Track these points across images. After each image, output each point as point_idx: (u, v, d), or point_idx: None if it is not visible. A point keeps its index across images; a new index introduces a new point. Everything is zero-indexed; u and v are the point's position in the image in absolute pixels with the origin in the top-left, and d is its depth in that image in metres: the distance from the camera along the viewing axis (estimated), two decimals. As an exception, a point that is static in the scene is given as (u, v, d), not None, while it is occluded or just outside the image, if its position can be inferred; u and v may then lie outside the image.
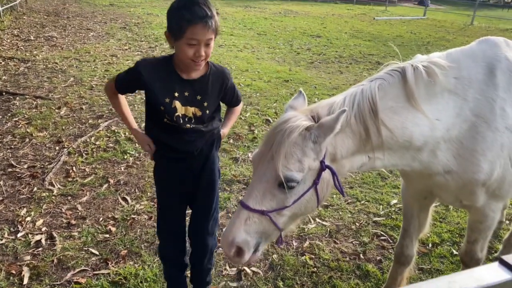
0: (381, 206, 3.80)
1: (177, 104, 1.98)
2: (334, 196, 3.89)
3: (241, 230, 1.70)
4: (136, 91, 2.27)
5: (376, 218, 3.61)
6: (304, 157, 1.67)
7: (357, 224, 3.52)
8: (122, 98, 2.21)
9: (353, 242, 3.30)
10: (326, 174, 1.74)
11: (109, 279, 2.74)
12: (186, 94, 2.00)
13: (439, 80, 1.87)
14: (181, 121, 2.01)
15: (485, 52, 2.05)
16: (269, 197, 1.70)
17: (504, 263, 0.58)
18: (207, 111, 2.07)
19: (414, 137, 1.86)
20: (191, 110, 2.02)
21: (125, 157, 4.38)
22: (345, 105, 1.78)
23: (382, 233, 3.42)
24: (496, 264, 0.59)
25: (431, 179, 2.08)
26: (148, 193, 3.75)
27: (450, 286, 0.52)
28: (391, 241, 3.32)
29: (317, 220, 3.52)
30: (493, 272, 0.57)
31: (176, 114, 1.99)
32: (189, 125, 2.03)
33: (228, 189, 3.93)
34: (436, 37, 14.75)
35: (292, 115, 1.75)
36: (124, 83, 2.09)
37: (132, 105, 5.93)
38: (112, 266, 2.85)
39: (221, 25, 9.35)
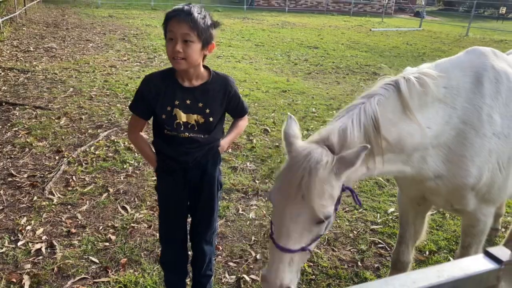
0: (378, 214, 3.84)
1: (178, 111, 2.03)
2: (332, 204, 3.92)
3: (286, 273, 1.71)
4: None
5: (374, 226, 3.65)
6: (333, 191, 1.69)
7: (355, 232, 3.56)
8: (142, 137, 2.26)
9: (351, 250, 3.33)
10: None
11: (109, 287, 2.75)
12: (188, 102, 2.04)
13: (430, 90, 1.93)
14: (182, 128, 2.05)
15: (472, 62, 2.13)
16: (306, 234, 1.72)
17: (488, 255, 0.62)
18: (211, 118, 2.08)
19: (407, 146, 1.93)
20: (193, 117, 2.06)
21: (125, 166, 4.42)
22: (354, 131, 1.79)
23: (380, 241, 3.45)
24: (481, 255, 0.63)
25: (423, 184, 2.16)
26: (148, 202, 3.78)
27: (438, 275, 0.57)
28: (388, 249, 3.35)
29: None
30: (478, 262, 0.61)
31: (177, 121, 2.04)
32: (188, 134, 2.06)
33: (227, 197, 3.96)
34: (431, 48, 14.92)
35: (307, 148, 1.72)
36: (136, 105, 2.14)
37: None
38: (112, 274, 2.87)
39: (219, 36, 9.35)
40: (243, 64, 10.27)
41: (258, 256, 3.16)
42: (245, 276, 2.95)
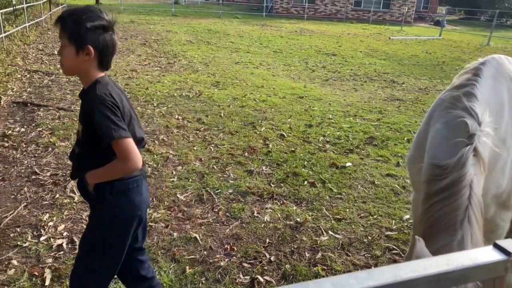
0: (393, 221, 3.83)
1: None
2: (347, 210, 3.94)
3: None
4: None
5: (389, 232, 3.65)
6: None
7: (369, 237, 3.56)
8: None
9: (365, 255, 3.34)
10: None
11: (127, 283, 2.82)
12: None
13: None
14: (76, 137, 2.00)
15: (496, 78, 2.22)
16: None
17: (497, 247, 0.65)
18: (81, 132, 1.89)
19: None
20: (80, 127, 1.93)
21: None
22: (473, 238, 1.62)
23: (394, 247, 3.45)
24: (490, 247, 0.66)
25: None
26: (165, 202, 3.85)
27: (448, 263, 0.60)
28: (403, 255, 3.35)
29: (330, 232, 3.58)
30: (487, 253, 0.64)
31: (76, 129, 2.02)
32: (75, 144, 2.00)
33: (243, 200, 4.01)
34: (451, 57, 14.78)
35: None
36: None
37: (152, 118, 6.11)
38: (130, 271, 2.94)
39: (237, 42, 9.57)
40: (260, 70, 10.35)
41: (272, 258, 3.19)
42: (259, 277, 2.98)
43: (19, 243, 3.15)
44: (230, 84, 8.55)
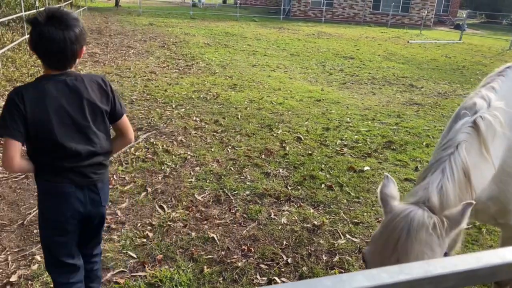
0: (412, 226, 3.80)
1: None
2: (365, 214, 3.93)
3: None
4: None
5: (407, 237, 3.62)
6: (434, 255, 1.59)
7: (387, 242, 3.53)
8: None
9: (383, 259, 3.32)
10: None
11: (146, 281, 2.87)
12: None
13: (503, 126, 1.95)
14: None
15: None
16: None
17: (526, 247, 0.66)
18: None
19: (486, 181, 1.97)
20: None
21: (162, 167, 4.58)
22: (449, 184, 1.72)
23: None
24: (520, 247, 0.67)
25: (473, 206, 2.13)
26: (184, 202, 3.90)
27: (478, 261, 0.61)
28: (421, 260, 3.32)
29: (347, 236, 3.57)
30: (516, 252, 0.65)
31: None
32: None
33: (260, 202, 4.03)
34: (472, 62, 14.57)
35: (405, 209, 1.64)
36: None
37: (170, 120, 6.18)
38: (149, 269, 2.99)
39: (254, 45, 9.64)
40: (277, 73, 10.38)
41: (289, 260, 3.20)
42: (276, 278, 3.00)
43: (42, 239, 3.23)
44: (247, 87, 8.59)
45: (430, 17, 31.56)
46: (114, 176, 4.30)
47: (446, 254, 1.62)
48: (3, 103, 1.84)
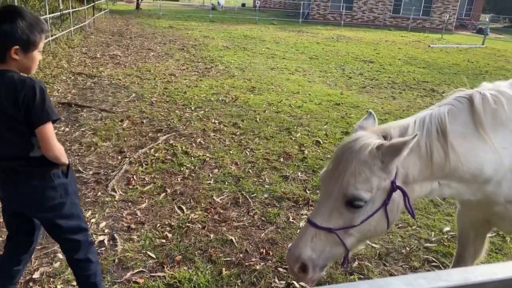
0: (433, 233, 3.73)
1: None
2: (385, 219, 3.87)
3: (307, 247, 1.71)
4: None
5: (428, 244, 3.56)
6: (372, 176, 1.66)
7: (407, 248, 3.48)
8: None
9: (403, 266, 3.27)
10: (396, 195, 1.73)
11: (165, 282, 2.89)
12: None
13: (504, 110, 1.86)
14: None
15: None
16: (336, 215, 1.70)
17: None
18: None
19: (485, 165, 1.84)
20: None
21: (182, 169, 4.61)
22: (415, 128, 1.80)
23: (434, 259, 3.36)
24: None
25: (491, 209, 2.05)
26: (202, 204, 3.92)
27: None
28: (442, 268, 3.25)
29: (367, 241, 3.52)
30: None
31: None
32: None
33: (278, 205, 4.02)
34: (495, 67, 14.27)
35: (362, 134, 1.77)
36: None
37: (189, 122, 6.22)
38: (168, 269, 3.01)
39: (273, 48, 9.74)
40: (296, 76, 10.36)
41: (308, 265, 3.17)
42: (294, 282, 2.98)
43: (63, 237, 3.28)
44: (265, 90, 8.60)
45: (452, 21, 31.08)
46: (134, 177, 4.34)
47: (393, 184, 1.70)
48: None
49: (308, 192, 4.31)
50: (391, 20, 31.54)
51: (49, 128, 1.94)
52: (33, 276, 2.82)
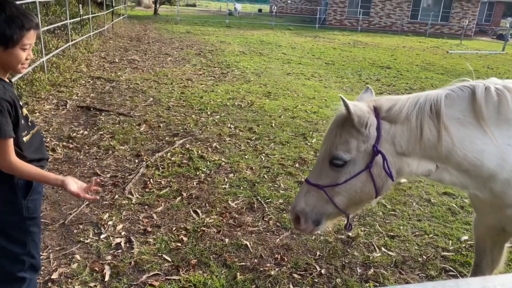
0: (450, 241, 3.68)
1: (22, 108, 2.00)
2: (401, 227, 3.83)
3: (301, 200, 1.99)
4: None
5: (445, 253, 3.51)
6: (350, 138, 1.86)
7: (424, 257, 3.44)
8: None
9: (420, 275, 3.22)
10: (381, 160, 1.86)
11: (180, 285, 2.91)
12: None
13: (510, 107, 1.83)
14: (30, 125, 2.09)
15: None
16: (324, 173, 1.94)
17: None
18: None
19: (485, 156, 1.84)
20: (24, 110, 2.07)
21: (197, 173, 4.64)
22: (407, 103, 1.88)
23: (451, 268, 3.31)
24: None
25: (503, 212, 2.01)
26: (218, 208, 3.93)
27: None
28: (460, 277, 3.20)
29: (383, 249, 3.49)
30: None
31: (26, 119, 2.05)
32: (34, 127, 2.13)
33: (293, 211, 4.01)
34: (515, 73, 14.02)
35: (352, 103, 1.88)
36: (8, 127, 1.84)
37: (205, 126, 6.26)
38: (183, 273, 3.03)
39: (289, 53, 9.77)
40: (312, 81, 10.34)
41: (322, 271, 3.17)
42: (309, 289, 2.97)
43: (81, 239, 3.34)
44: (281, 95, 8.61)
45: (471, 27, 30.66)
46: (151, 180, 4.39)
47: (375, 147, 1.83)
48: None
49: (323, 198, 4.29)
50: (408, 26, 31.28)
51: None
52: (52, 277, 2.87)
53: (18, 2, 9.47)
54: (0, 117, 1.80)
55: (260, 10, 47.24)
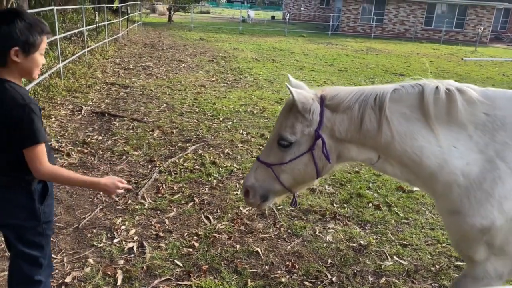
0: (464, 251, 3.63)
1: None
2: (414, 235, 3.80)
3: (251, 176, 2.16)
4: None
5: (458, 263, 3.46)
6: (296, 122, 2.00)
7: (437, 266, 3.40)
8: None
9: (432, 284, 3.19)
10: (327, 145, 2.00)
11: (191, 290, 2.92)
12: None
13: (457, 109, 1.82)
14: None
15: None
16: (273, 153, 2.09)
17: None
18: None
19: (424, 154, 1.86)
20: None
21: (209, 179, 4.67)
22: (353, 93, 1.97)
23: (465, 278, 3.26)
24: None
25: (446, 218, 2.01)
26: (229, 214, 3.95)
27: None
28: None
29: (395, 257, 3.46)
30: None
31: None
32: None
33: (305, 218, 4.01)
34: (532, 80, 13.81)
35: (297, 91, 2.00)
36: (44, 131, 1.93)
37: (218, 132, 6.30)
38: (194, 278, 3.04)
39: (302, 60, 9.72)
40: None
41: (334, 279, 3.15)
42: (320, 297, 2.95)
43: (94, 243, 3.38)
44: (294, 102, 8.60)
45: (486, 34, 30.33)
46: (163, 186, 4.43)
47: (317, 132, 1.98)
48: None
49: (335, 205, 4.28)
50: (422, 33, 31.08)
51: (35, 150, 1.87)
52: (65, 280, 2.91)
53: (37, 10, 9.71)
54: (38, 122, 1.87)
55: (273, 17, 47.41)
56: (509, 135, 1.81)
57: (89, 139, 5.66)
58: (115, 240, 3.44)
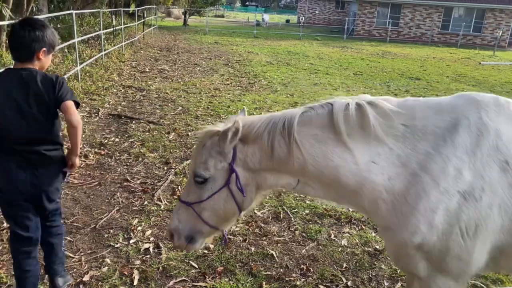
0: (482, 258, 3.57)
1: None
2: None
3: (174, 218, 2.08)
4: None
5: (476, 269, 3.41)
6: (209, 158, 1.94)
7: (454, 272, 3.35)
8: None
9: (449, 291, 3.14)
10: (242, 178, 1.94)
11: (206, 292, 2.94)
12: None
13: (369, 123, 1.78)
14: None
15: (455, 107, 1.83)
16: (192, 191, 2.02)
17: None
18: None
19: (341, 173, 1.82)
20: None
21: (224, 181, 4.68)
22: (262, 121, 1.93)
23: (482, 285, 3.22)
24: None
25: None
26: (244, 217, 3.96)
27: None
28: (492, 295, 3.11)
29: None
30: None
31: None
32: None
33: (320, 222, 4.00)
34: (551, 85, 13.55)
35: (214, 126, 1.99)
36: None
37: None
38: (209, 280, 3.06)
39: (316, 64, 9.71)
40: (339, 92, 10.29)
41: (349, 283, 3.14)
42: (335, 301, 2.94)
43: (111, 243, 3.43)
44: (309, 105, 8.59)
45: (505, 37, 29.84)
46: (179, 187, 4.47)
47: (231, 166, 1.91)
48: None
49: (350, 210, 4.26)
50: (439, 36, 30.76)
51: (72, 104, 2.33)
52: (83, 279, 2.96)
53: (57, 14, 9.90)
54: (67, 85, 2.37)
55: (287, 21, 47.48)
56: (431, 144, 1.75)
57: (106, 141, 5.75)
58: (131, 241, 3.48)
